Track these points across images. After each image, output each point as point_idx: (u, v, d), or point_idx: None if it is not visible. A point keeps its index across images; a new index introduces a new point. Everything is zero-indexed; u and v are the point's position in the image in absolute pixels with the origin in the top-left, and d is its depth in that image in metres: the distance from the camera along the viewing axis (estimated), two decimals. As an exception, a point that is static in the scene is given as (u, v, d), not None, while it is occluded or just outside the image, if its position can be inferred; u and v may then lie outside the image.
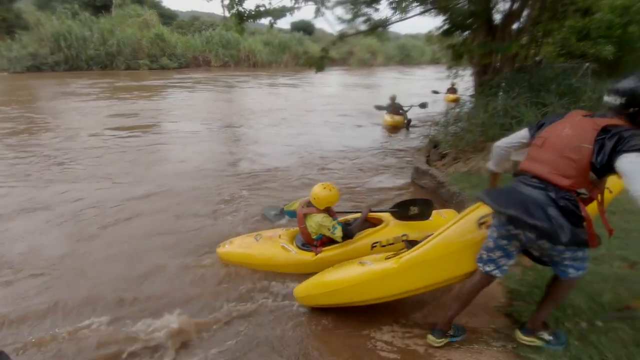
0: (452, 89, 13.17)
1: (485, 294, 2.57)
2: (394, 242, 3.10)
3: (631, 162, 1.50)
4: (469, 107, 6.32)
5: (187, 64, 28.37)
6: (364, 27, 7.24)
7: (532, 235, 1.78)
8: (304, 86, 19.45)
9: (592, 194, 1.73)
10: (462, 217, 2.20)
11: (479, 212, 2.14)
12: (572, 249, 1.80)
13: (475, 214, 2.15)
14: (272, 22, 6.69)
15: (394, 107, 9.70)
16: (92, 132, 8.46)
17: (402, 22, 6.98)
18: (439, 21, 6.81)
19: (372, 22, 7.06)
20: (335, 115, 11.25)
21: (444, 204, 4.47)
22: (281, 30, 36.32)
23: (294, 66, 31.72)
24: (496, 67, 6.26)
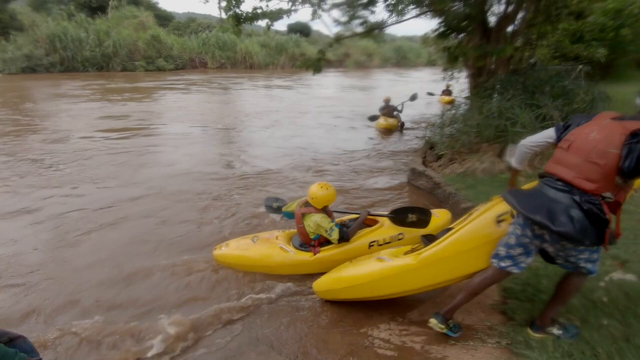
0: (447, 91, 13.29)
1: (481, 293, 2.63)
2: (390, 241, 3.13)
3: None
4: (464, 108, 6.35)
5: (183, 65, 28.37)
6: (360, 29, 7.28)
7: (555, 236, 1.80)
8: (299, 88, 19.41)
9: (617, 197, 1.73)
10: (480, 215, 2.23)
11: (498, 210, 2.17)
12: (590, 250, 1.83)
13: (493, 212, 2.18)
14: (269, 24, 6.69)
15: (388, 110, 9.62)
16: (80, 134, 8.33)
17: (399, 24, 7.04)
18: (435, 23, 6.86)
19: (369, 24, 7.10)
20: (329, 117, 11.21)
21: (440, 205, 4.52)
22: (278, 32, 36.46)
23: (290, 68, 31.83)
24: (491, 69, 6.31)
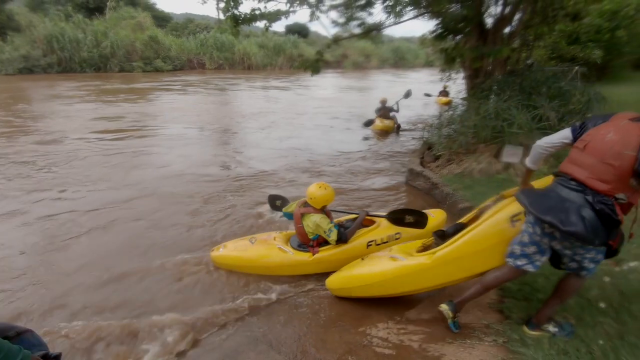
0: (444, 92, 13.34)
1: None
2: (387, 241, 3.17)
3: None
4: (461, 109, 6.39)
5: (181, 66, 28.33)
6: (358, 30, 7.30)
7: (566, 235, 1.80)
8: (296, 89, 19.37)
9: (631, 199, 1.73)
10: (493, 214, 2.25)
11: (512, 209, 2.19)
12: (597, 250, 1.84)
13: (507, 211, 2.20)
14: (267, 25, 6.70)
15: (384, 111, 9.52)
16: (73, 136, 8.21)
17: (397, 25, 7.07)
18: (432, 24, 6.87)
19: (366, 25, 7.12)
20: (326, 118, 11.16)
21: (438, 205, 4.55)
22: (276, 33, 36.44)
23: (288, 69, 31.84)
24: (488, 70, 6.34)
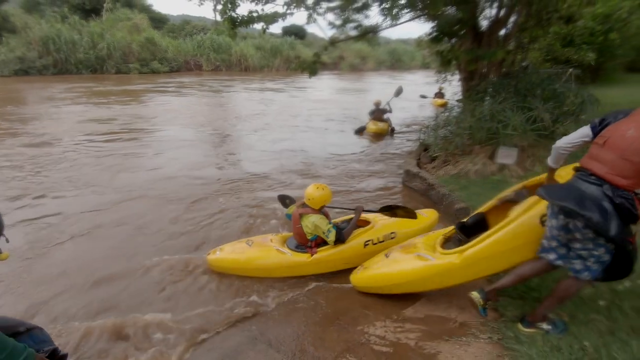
0: (440, 94, 13.37)
1: (473, 290, 2.70)
2: (384, 240, 3.26)
3: None
4: (457, 111, 6.45)
5: (178, 68, 28.30)
6: (354, 32, 7.35)
7: (580, 223, 1.84)
8: (292, 90, 19.32)
9: None
10: (522, 214, 2.26)
11: (541, 209, 2.21)
12: (607, 248, 1.85)
13: (537, 211, 2.23)
14: (264, 27, 6.73)
15: (378, 113, 9.33)
16: (62, 138, 8.06)
17: (393, 27, 7.13)
18: (429, 26, 6.92)
19: (363, 28, 7.16)
20: (321, 120, 11.00)
21: (434, 206, 4.59)
22: (273, 34, 36.47)
23: (285, 70, 31.86)
24: (483, 72, 6.41)
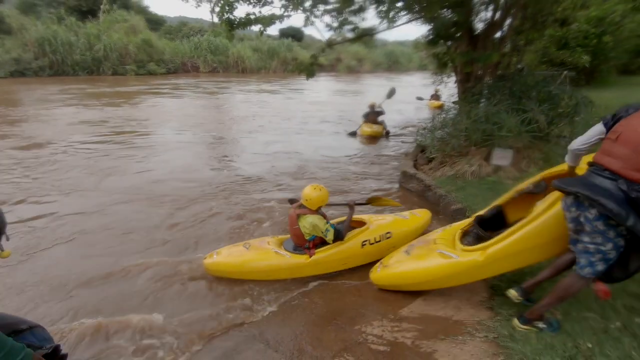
0: (436, 96, 13.42)
1: (469, 290, 2.75)
2: (380, 240, 3.32)
3: None
4: (454, 113, 6.49)
5: (175, 69, 28.27)
6: (351, 35, 7.39)
7: (591, 215, 1.84)
8: (288, 92, 19.26)
9: None
10: (547, 210, 2.24)
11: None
12: (616, 243, 1.85)
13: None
14: (261, 29, 6.75)
15: (372, 116, 9.20)
16: (51, 140, 7.93)
17: (390, 30, 7.16)
18: (426, 28, 6.98)
19: (359, 30, 7.20)
20: (316, 122, 10.95)
21: (431, 207, 4.62)
22: (270, 36, 36.49)
23: (282, 72, 31.89)
24: (478, 75, 6.46)
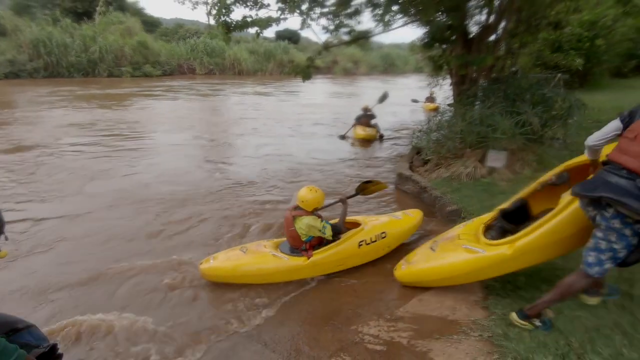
0: (431, 98, 13.44)
1: (464, 290, 2.79)
2: (376, 240, 3.38)
3: None
4: (449, 115, 6.55)
5: (171, 71, 28.19)
6: (347, 37, 7.44)
7: (608, 213, 1.85)
8: (283, 95, 19.21)
9: None
10: (574, 201, 2.23)
11: None
12: (629, 242, 1.87)
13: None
14: (258, 32, 6.78)
15: (365, 119, 9.14)
16: (37, 143, 7.77)
17: (386, 32, 7.23)
18: (422, 31, 7.03)
19: (355, 33, 7.25)
20: (309, 124, 10.89)
21: (427, 208, 4.68)
22: (266, 38, 36.55)
23: (279, 74, 31.89)
24: (473, 77, 6.52)
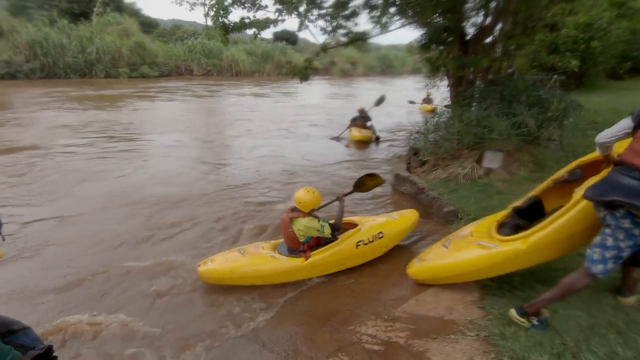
0: (428, 99, 13.45)
1: (460, 290, 2.81)
2: (373, 240, 3.40)
3: None
4: (446, 116, 6.58)
5: (169, 72, 28.13)
6: (344, 39, 7.46)
7: (618, 213, 1.87)
8: (279, 96, 19.16)
9: None
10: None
11: None
12: (635, 241, 1.89)
13: None
14: (256, 33, 6.79)
15: (361, 120, 9.10)
16: (27, 145, 7.69)
17: (384, 34, 7.25)
18: (419, 32, 7.05)
19: (352, 34, 7.27)
20: (305, 126, 10.87)
21: (424, 209, 4.70)
22: (264, 39, 36.55)
23: (276, 75, 31.90)
24: (470, 79, 6.56)
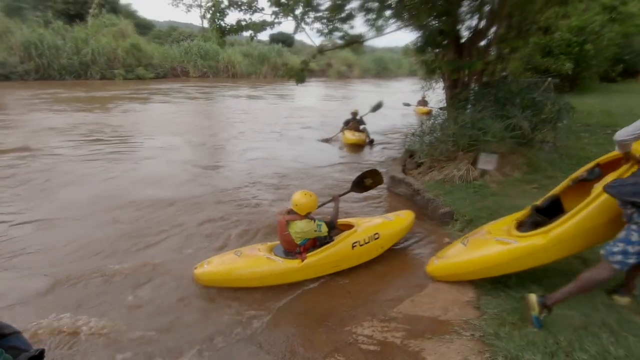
0: (423, 101, 13.45)
1: (456, 291, 2.84)
2: (369, 241, 3.41)
3: None
4: (442, 118, 6.63)
5: (164, 74, 28.01)
6: (340, 41, 7.50)
7: None
8: (274, 98, 19.08)
9: None
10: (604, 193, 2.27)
11: None
12: None
13: None
14: (252, 35, 6.81)
15: (354, 123, 8.99)
16: (7, 147, 7.49)
17: (380, 37, 7.28)
18: (415, 35, 7.10)
19: (348, 37, 7.31)
20: (298, 128, 10.81)
21: (420, 210, 4.73)
22: (260, 41, 36.54)
23: (273, 77, 31.91)
24: (465, 81, 6.63)
